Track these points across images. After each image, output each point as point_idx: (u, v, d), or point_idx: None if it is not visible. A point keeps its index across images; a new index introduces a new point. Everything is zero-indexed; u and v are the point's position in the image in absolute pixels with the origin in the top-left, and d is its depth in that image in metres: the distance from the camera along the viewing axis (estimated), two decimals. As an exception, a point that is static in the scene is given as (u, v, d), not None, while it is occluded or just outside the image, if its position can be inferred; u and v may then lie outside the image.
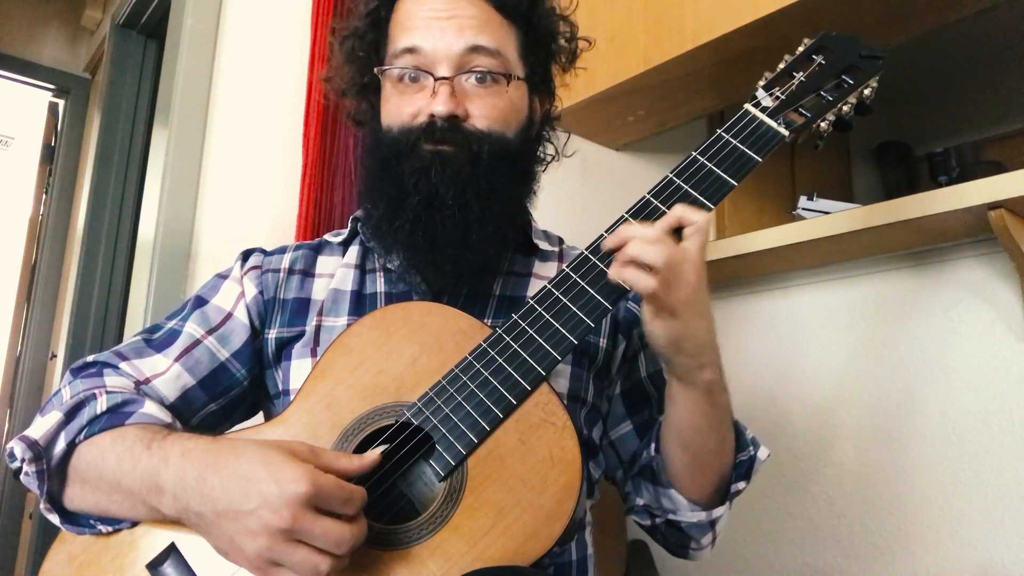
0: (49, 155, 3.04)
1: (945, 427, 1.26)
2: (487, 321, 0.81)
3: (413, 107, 0.82)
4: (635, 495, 0.86)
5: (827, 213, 1.47)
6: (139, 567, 0.67)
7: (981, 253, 1.24)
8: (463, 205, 0.79)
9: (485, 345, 0.71)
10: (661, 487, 0.81)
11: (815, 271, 1.48)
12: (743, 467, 0.81)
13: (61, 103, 3.05)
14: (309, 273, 0.90)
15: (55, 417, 0.71)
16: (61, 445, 0.70)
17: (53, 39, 3.08)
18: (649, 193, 0.74)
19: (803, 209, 1.55)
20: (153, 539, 0.68)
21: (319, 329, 0.84)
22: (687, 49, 1.49)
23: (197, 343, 0.83)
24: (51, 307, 2.83)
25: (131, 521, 0.69)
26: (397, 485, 0.71)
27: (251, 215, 1.45)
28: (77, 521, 0.71)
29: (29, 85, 3.00)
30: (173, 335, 0.84)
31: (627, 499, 0.88)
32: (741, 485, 0.81)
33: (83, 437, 0.70)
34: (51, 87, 3.03)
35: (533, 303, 0.72)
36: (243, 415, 0.89)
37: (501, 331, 0.71)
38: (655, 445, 0.82)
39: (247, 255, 0.92)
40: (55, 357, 2.66)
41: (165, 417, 0.74)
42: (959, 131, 2.67)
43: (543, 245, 0.93)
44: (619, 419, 0.89)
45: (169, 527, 0.68)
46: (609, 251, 0.71)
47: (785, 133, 0.75)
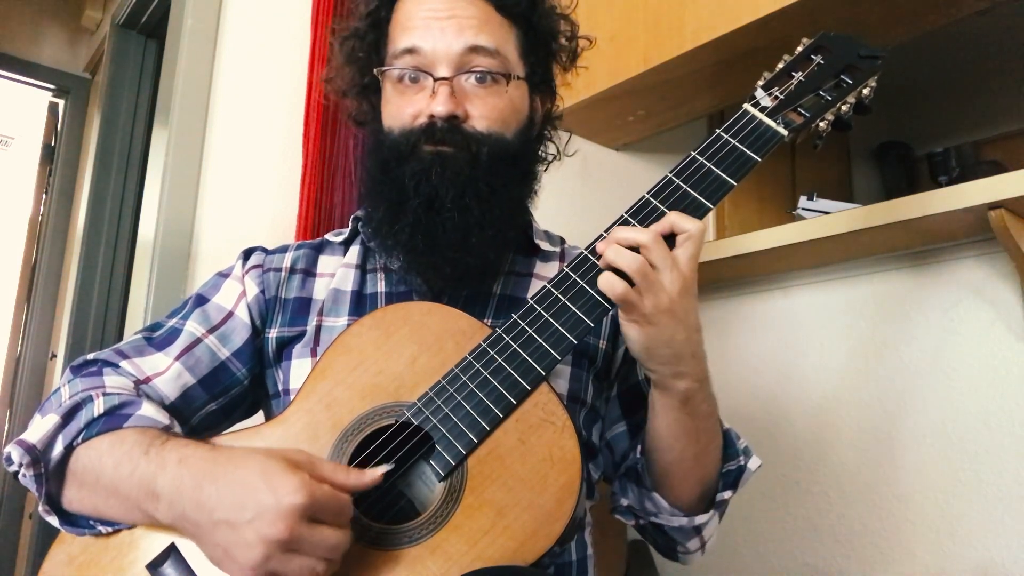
0: (49, 155, 3.04)
1: (945, 427, 1.26)
2: (487, 321, 0.81)
3: (413, 108, 0.82)
4: (620, 495, 0.86)
5: (827, 213, 1.47)
6: (139, 567, 0.67)
7: (981, 253, 1.24)
8: (463, 208, 0.79)
9: (485, 345, 0.71)
10: (644, 489, 0.81)
11: (815, 271, 1.48)
12: (730, 476, 0.80)
13: (61, 103, 3.05)
14: (310, 272, 0.90)
15: (52, 420, 0.71)
16: (59, 448, 0.69)
17: (53, 39, 3.08)
18: (648, 193, 0.74)
19: (803, 209, 1.55)
20: (153, 539, 0.68)
21: (319, 329, 0.84)
22: (687, 49, 1.49)
23: (198, 342, 0.83)
24: (51, 307, 2.83)
25: (128, 525, 0.69)
26: (397, 485, 0.71)
27: (251, 215, 1.45)
28: (76, 522, 0.70)
29: (29, 85, 3.00)
30: (174, 334, 0.84)
31: (612, 499, 0.88)
32: (727, 494, 0.80)
33: (80, 440, 0.70)
34: (51, 87, 3.03)
35: (533, 303, 0.72)
36: (243, 414, 0.89)
37: (501, 331, 0.71)
38: (640, 447, 0.82)
39: (248, 254, 0.92)
40: (55, 357, 2.66)
41: (163, 419, 0.73)
42: (959, 131, 2.67)
43: (544, 245, 0.93)
44: (614, 420, 0.89)
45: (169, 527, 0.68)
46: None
47: (784, 133, 0.75)
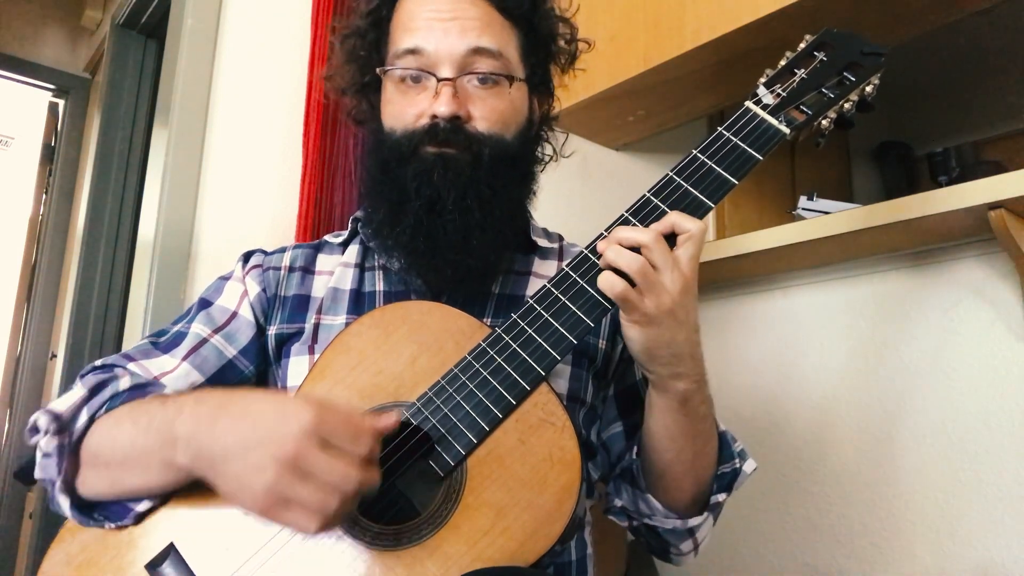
0: (49, 155, 3.04)
1: (945, 427, 1.25)
2: (486, 320, 0.81)
3: (416, 108, 0.82)
4: (615, 496, 0.86)
5: (827, 213, 1.47)
6: (138, 567, 0.67)
7: (981, 253, 1.24)
8: (464, 209, 0.79)
9: (484, 345, 0.71)
10: (639, 491, 0.81)
11: (815, 271, 1.48)
12: (725, 479, 0.80)
13: (61, 103, 3.05)
14: (309, 270, 0.91)
15: (79, 393, 0.72)
16: (83, 419, 0.70)
17: (53, 39, 3.08)
18: (649, 192, 0.74)
19: (803, 209, 1.55)
20: (152, 539, 0.68)
21: (317, 327, 0.85)
22: (687, 49, 1.48)
23: (204, 342, 0.84)
24: (51, 307, 2.83)
25: (133, 509, 0.69)
26: (396, 485, 0.70)
27: (251, 215, 1.45)
28: (87, 511, 0.70)
29: (29, 85, 3.00)
30: (179, 337, 0.85)
31: (606, 499, 0.88)
32: (721, 497, 0.80)
33: (104, 411, 0.70)
34: (51, 87, 3.03)
35: (532, 303, 0.72)
36: None
37: (500, 331, 0.71)
38: (636, 448, 0.82)
39: (248, 256, 0.93)
40: (55, 357, 2.66)
41: None
42: (959, 131, 2.67)
43: (542, 242, 0.93)
44: (611, 420, 0.89)
45: (170, 525, 0.68)
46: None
47: (786, 131, 0.75)
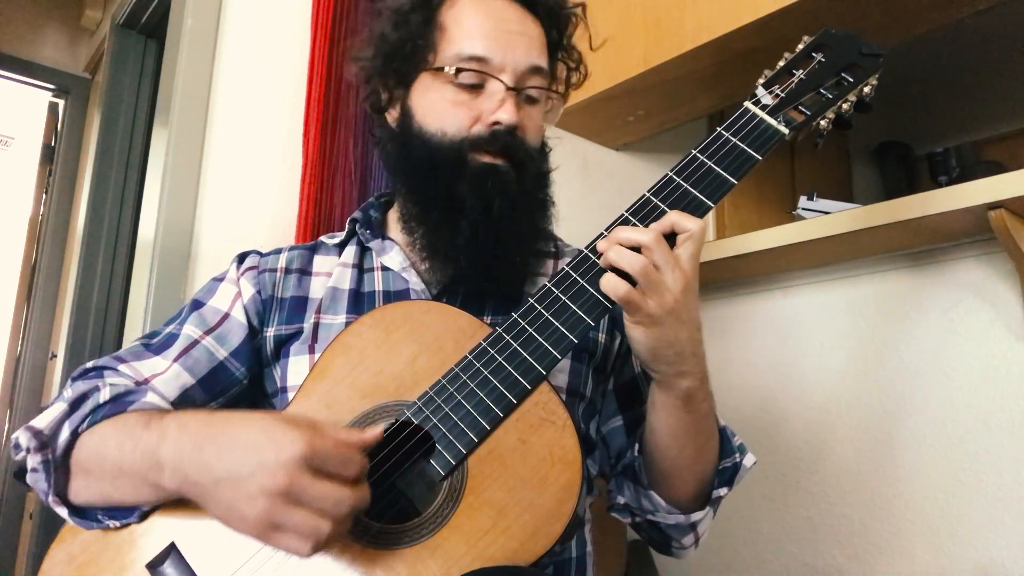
0: (49, 155, 3.04)
1: (945, 427, 1.26)
2: (486, 319, 0.82)
3: (472, 112, 0.82)
4: (617, 493, 0.86)
5: (827, 213, 1.47)
6: (139, 567, 0.67)
7: (981, 253, 1.24)
8: (513, 220, 0.81)
9: (485, 344, 0.71)
10: (642, 488, 0.81)
11: (815, 271, 1.48)
12: (726, 474, 0.81)
13: (61, 103, 3.05)
14: (306, 271, 0.91)
15: (59, 408, 0.72)
16: (65, 435, 0.70)
17: (53, 39, 3.08)
18: (649, 191, 0.74)
19: (803, 209, 1.55)
20: (153, 538, 0.68)
21: (317, 327, 0.85)
22: (687, 49, 1.48)
23: (195, 343, 0.83)
24: (51, 307, 2.83)
25: (137, 508, 0.69)
26: (397, 484, 0.71)
27: (251, 215, 1.45)
28: (85, 515, 0.70)
29: (29, 85, 3.00)
30: (171, 338, 0.84)
31: (609, 496, 0.88)
32: (723, 491, 0.80)
33: (86, 426, 0.70)
34: (51, 87, 3.03)
35: (533, 302, 0.72)
36: None
37: (501, 330, 0.71)
38: (638, 446, 0.82)
39: (243, 257, 0.93)
40: (55, 357, 2.66)
41: (166, 407, 0.75)
42: (959, 131, 2.67)
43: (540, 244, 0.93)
44: (611, 414, 0.90)
45: (170, 524, 0.68)
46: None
47: (785, 131, 0.75)
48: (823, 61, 0.79)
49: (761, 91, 0.78)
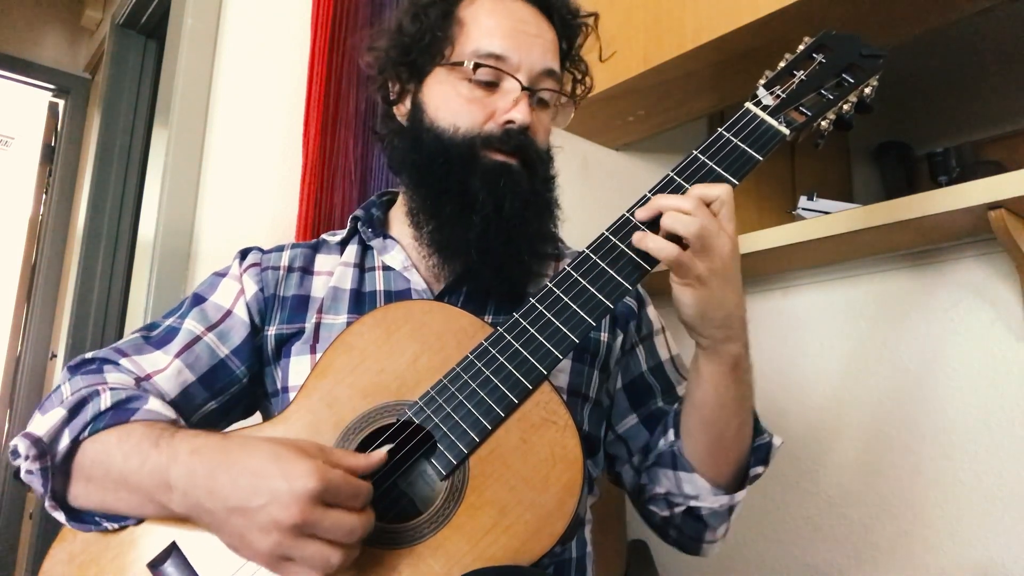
0: (49, 155, 3.04)
1: (945, 427, 1.26)
2: (487, 319, 0.82)
3: (486, 110, 0.83)
4: (653, 485, 0.85)
5: (827, 213, 1.47)
6: (140, 566, 0.67)
7: (981, 253, 1.24)
8: (524, 219, 0.82)
9: (487, 344, 0.71)
10: (683, 472, 0.80)
11: (815, 271, 1.48)
12: (761, 451, 0.81)
13: (61, 103, 3.05)
14: (308, 270, 0.90)
15: (58, 414, 0.70)
16: (65, 442, 0.69)
17: (53, 39, 3.08)
18: (651, 192, 0.74)
19: (803, 209, 1.55)
20: (154, 538, 0.68)
21: (318, 327, 0.85)
22: (687, 49, 1.49)
23: (197, 340, 0.83)
24: (51, 307, 2.83)
25: (137, 518, 0.69)
26: (398, 484, 0.71)
27: (251, 215, 1.45)
28: (82, 518, 0.70)
29: (29, 85, 3.00)
30: (172, 332, 0.84)
31: (643, 490, 0.86)
32: (760, 469, 0.80)
33: (87, 434, 0.70)
34: (51, 87, 3.03)
35: (534, 302, 0.72)
36: (241, 414, 0.89)
37: (502, 330, 0.71)
38: (674, 431, 0.82)
39: (245, 253, 0.92)
40: (55, 357, 2.66)
41: (169, 413, 0.74)
42: (959, 131, 2.67)
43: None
44: (624, 413, 0.89)
45: (171, 525, 0.68)
46: (639, 222, 0.72)
47: (786, 132, 0.75)
48: (824, 62, 0.79)
49: (762, 92, 0.78)
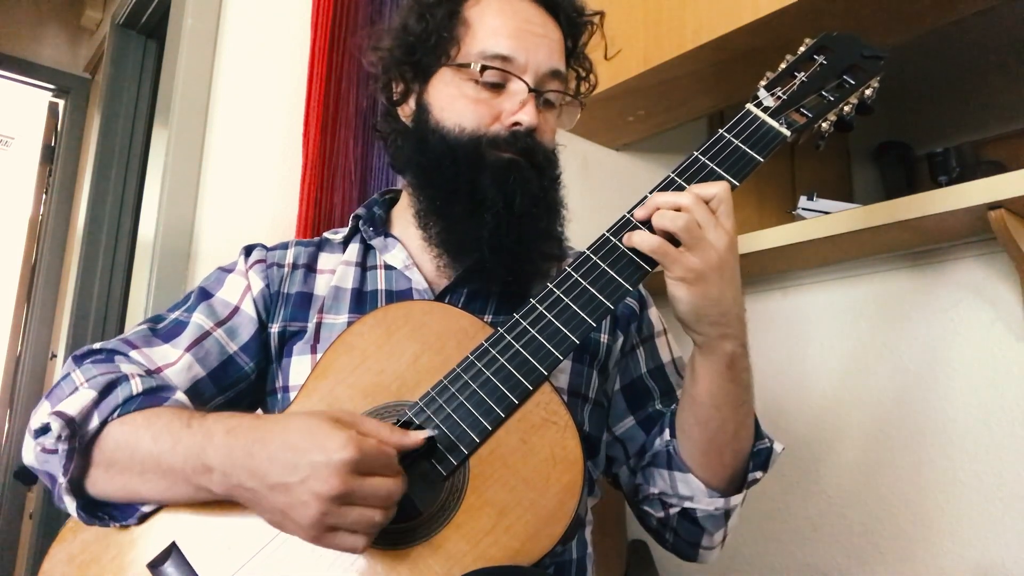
0: (49, 155, 3.04)
1: (945, 427, 1.26)
2: (488, 319, 0.82)
3: (493, 111, 0.82)
4: (647, 485, 0.84)
5: (827, 213, 1.47)
6: (140, 566, 0.67)
7: (981, 253, 1.24)
8: (534, 217, 0.82)
9: (487, 344, 0.71)
10: (678, 472, 0.80)
11: (815, 271, 1.48)
12: (761, 456, 0.80)
13: (61, 103, 3.05)
14: (312, 268, 0.91)
15: (88, 395, 0.69)
16: (95, 423, 0.68)
17: (53, 39, 3.08)
18: (651, 192, 0.74)
19: (803, 209, 1.55)
20: (154, 538, 0.68)
21: (319, 327, 0.85)
22: (687, 49, 1.49)
23: (207, 335, 0.83)
24: (51, 307, 2.83)
25: (136, 509, 0.69)
26: (399, 484, 0.71)
27: (251, 215, 1.45)
28: (92, 510, 0.69)
29: (29, 85, 3.00)
30: (180, 326, 0.84)
31: (638, 491, 0.86)
32: (758, 475, 0.80)
33: (116, 415, 0.69)
34: (51, 87, 3.02)
35: (534, 302, 0.72)
36: (246, 409, 0.89)
37: (503, 330, 0.71)
38: (670, 431, 0.82)
39: (250, 250, 0.93)
40: (55, 357, 2.66)
41: (191, 406, 0.74)
42: (959, 131, 2.67)
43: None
44: (621, 414, 0.89)
45: (171, 525, 0.68)
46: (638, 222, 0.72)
47: (787, 133, 0.75)
48: (825, 63, 0.79)
49: (763, 93, 0.78)
